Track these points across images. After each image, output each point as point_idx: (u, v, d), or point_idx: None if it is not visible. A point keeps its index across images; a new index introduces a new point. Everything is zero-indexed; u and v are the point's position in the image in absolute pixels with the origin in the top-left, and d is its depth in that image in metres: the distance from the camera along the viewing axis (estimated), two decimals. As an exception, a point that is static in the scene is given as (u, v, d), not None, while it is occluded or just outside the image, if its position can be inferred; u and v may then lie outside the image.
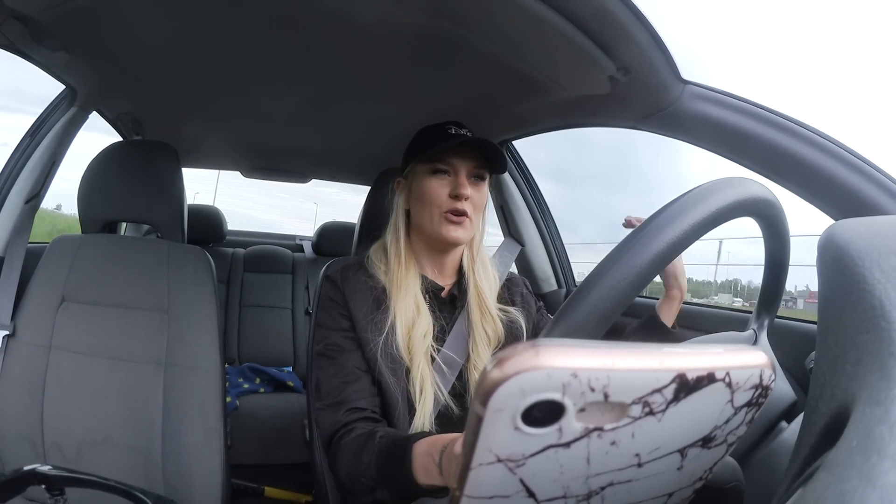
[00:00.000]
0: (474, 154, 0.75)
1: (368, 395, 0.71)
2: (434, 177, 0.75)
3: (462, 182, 0.74)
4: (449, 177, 0.75)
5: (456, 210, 0.74)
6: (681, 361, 0.21)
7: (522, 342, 0.20)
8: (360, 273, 0.78)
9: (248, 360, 1.88)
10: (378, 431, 0.65)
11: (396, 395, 0.71)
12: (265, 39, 0.91)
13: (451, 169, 0.75)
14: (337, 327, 0.75)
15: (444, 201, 0.74)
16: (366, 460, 0.62)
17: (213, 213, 2.05)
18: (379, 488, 0.62)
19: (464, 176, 0.75)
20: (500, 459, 0.21)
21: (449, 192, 0.74)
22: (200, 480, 0.88)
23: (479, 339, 0.76)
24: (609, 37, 0.69)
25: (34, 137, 1.05)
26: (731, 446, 0.26)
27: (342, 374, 0.72)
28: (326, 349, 0.74)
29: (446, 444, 0.51)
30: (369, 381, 0.72)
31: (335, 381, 0.72)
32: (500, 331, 0.77)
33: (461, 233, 0.75)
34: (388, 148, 1.45)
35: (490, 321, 0.77)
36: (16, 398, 0.88)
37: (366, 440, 0.64)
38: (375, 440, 0.63)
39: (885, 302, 0.22)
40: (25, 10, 0.76)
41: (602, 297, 0.34)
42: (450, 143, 0.73)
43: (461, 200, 0.74)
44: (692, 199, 0.36)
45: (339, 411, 0.70)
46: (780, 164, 0.69)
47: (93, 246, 0.98)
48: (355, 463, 0.64)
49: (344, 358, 0.73)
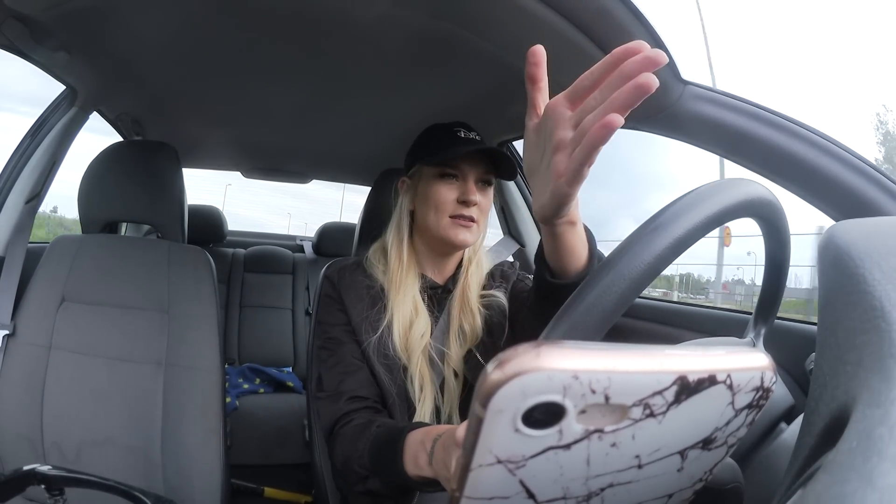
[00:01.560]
0: (483, 159, 0.75)
1: (368, 385, 0.72)
2: (442, 181, 0.75)
3: (471, 188, 0.74)
4: (457, 181, 0.75)
5: (463, 216, 0.74)
6: (682, 363, 0.21)
7: (523, 344, 0.20)
8: (358, 272, 0.78)
9: (248, 360, 1.88)
10: (376, 421, 0.65)
11: (392, 393, 0.71)
12: (266, 39, 0.91)
13: (459, 174, 0.75)
14: (335, 322, 0.75)
15: (452, 206, 0.74)
16: (360, 447, 0.62)
17: (214, 214, 2.05)
18: (370, 477, 0.62)
19: (472, 181, 0.74)
20: (500, 461, 0.21)
21: (457, 198, 0.74)
22: (200, 480, 0.88)
23: (453, 335, 0.76)
24: (609, 37, 0.69)
25: (34, 138, 1.05)
26: (731, 448, 0.26)
27: (342, 365, 0.72)
28: (326, 343, 0.75)
29: (441, 433, 0.51)
30: (368, 373, 0.72)
31: (335, 372, 0.72)
32: (478, 327, 0.77)
33: (468, 236, 0.75)
34: (388, 148, 1.45)
35: (469, 316, 0.77)
36: (15, 398, 0.88)
37: (363, 429, 0.64)
38: (372, 429, 0.63)
39: (885, 303, 0.22)
40: (25, 10, 0.76)
41: (602, 297, 0.34)
42: (462, 150, 0.73)
43: (469, 206, 0.74)
44: (693, 199, 0.36)
45: (340, 401, 0.70)
46: (780, 165, 0.69)
47: (93, 246, 0.98)
48: (350, 450, 0.64)
49: (343, 350, 0.73)
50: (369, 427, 0.64)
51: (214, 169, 2.08)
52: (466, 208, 0.73)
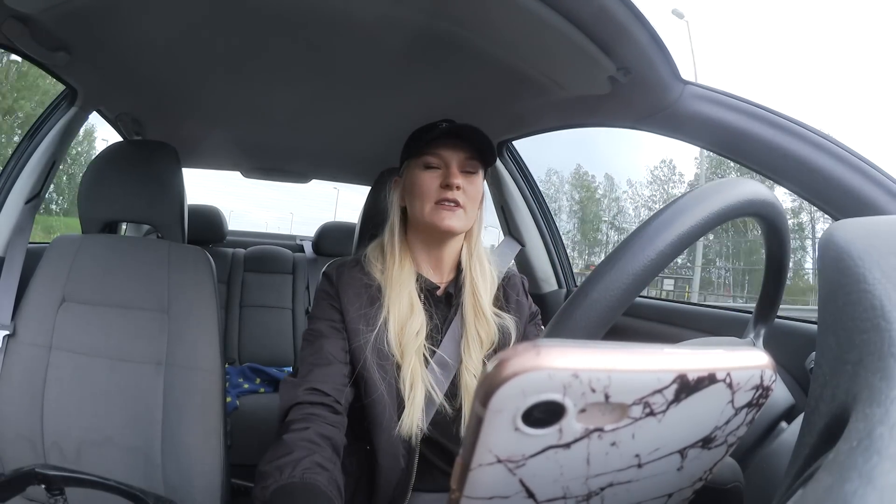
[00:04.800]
0: (465, 146, 0.76)
1: (336, 383, 0.71)
2: (426, 171, 0.76)
3: (453, 172, 0.75)
4: (440, 170, 0.76)
5: (447, 199, 0.74)
6: (682, 362, 0.21)
7: (523, 343, 0.20)
8: (356, 270, 0.79)
9: (248, 360, 1.88)
10: (304, 462, 0.60)
11: (381, 390, 0.71)
12: (265, 39, 0.91)
13: (441, 162, 0.76)
14: (323, 317, 0.76)
15: (435, 192, 0.75)
16: (270, 482, 0.58)
17: (214, 213, 2.05)
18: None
19: (455, 167, 0.75)
20: (499, 460, 0.21)
21: (440, 183, 0.75)
22: (200, 480, 0.88)
23: (472, 341, 0.76)
24: (609, 37, 0.69)
25: (34, 137, 1.06)
26: (731, 447, 0.26)
27: (316, 356, 0.72)
28: (308, 334, 0.76)
29: None
30: (342, 372, 0.72)
31: (307, 363, 0.72)
32: (494, 332, 0.77)
33: (454, 221, 0.75)
34: (388, 148, 1.44)
35: (484, 323, 0.77)
36: (16, 398, 0.88)
37: (294, 461, 0.60)
38: (295, 470, 0.59)
39: (885, 302, 0.22)
40: (25, 10, 0.76)
41: (603, 297, 0.34)
42: (436, 132, 0.75)
43: (452, 189, 0.74)
44: (693, 198, 0.36)
45: (300, 387, 0.69)
46: (780, 164, 0.69)
47: (93, 246, 0.98)
48: (268, 469, 0.60)
49: (321, 342, 0.73)
50: (297, 464, 0.60)
51: (214, 169, 2.07)
52: (450, 191, 0.74)
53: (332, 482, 0.60)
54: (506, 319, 0.79)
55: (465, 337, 0.76)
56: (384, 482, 0.72)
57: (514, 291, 0.85)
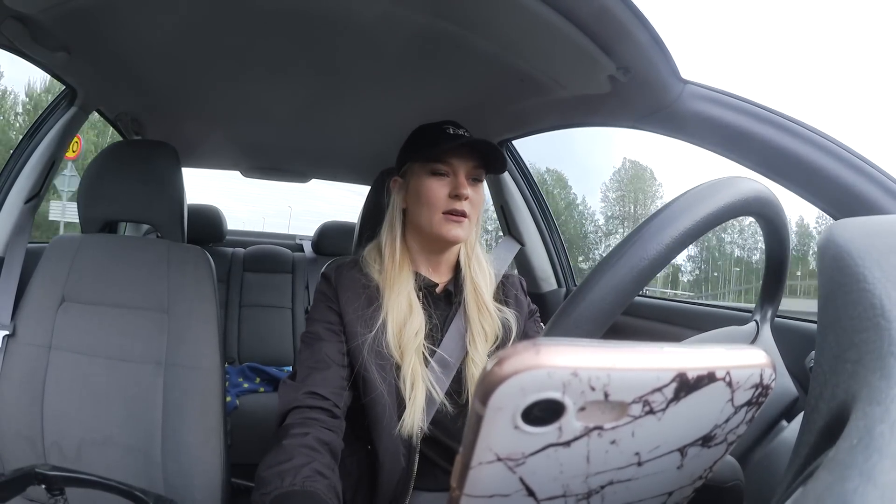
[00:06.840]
0: (473, 154, 0.76)
1: (334, 386, 0.71)
2: (433, 178, 0.75)
3: (462, 182, 0.74)
4: (448, 178, 0.75)
5: (455, 210, 0.74)
6: (681, 360, 0.21)
7: (522, 342, 0.20)
8: (355, 271, 0.79)
9: (248, 359, 1.88)
10: (304, 470, 0.60)
11: (382, 391, 0.71)
12: (265, 39, 0.91)
13: (450, 170, 0.75)
14: (321, 318, 0.76)
15: (443, 202, 0.74)
16: (271, 489, 0.59)
17: (213, 213, 2.05)
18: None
19: (463, 176, 0.75)
20: (499, 458, 0.21)
21: (448, 193, 0.74)
22: (200, 480, 0.88)
23: (477, 335, 0.76)
24: (609, 36, 0.70)
25: (34, 137, 1.06)
26: (731, 445, 0.26)
27: (313, 359, 0.72)
28: (306, 337, 0.76)
29: None
30: (340, 375, 0.72)
31: (305, 366, 0.72)
32: (498, 326, 0.77)
33: (461, 232, 0.75)
34: (387, 147, 1.44)
35: (487, 316, 0.77)
36: (16, 398, 0.88)
37: (295, 469, 0.60)
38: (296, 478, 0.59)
39: (884, 301, 0.22)
40: (25, 10, 0.76)
41: (602, 296, 0.34)
42: (451, 144, 0.73)
43: (461, 201, 0.74)
44: (693, 197, 0.36)
45: (299, 391, 0.70)
46: (780, 164, 0.69)
47: (93, 246, 0.98)
48: (269, 475, 0.60)
49: (318, 345, 0.73)
50: (298, 471, 0.60)
51: (214, 168, 2.08)
52: (458, 202, 0.74)
53: (331, 489, 0.61)
54: (507, 314, 0.79)
55: (471, 331, 0.76)
56: (385, 481, 0.72)
57: (514, 289, 0.86)
